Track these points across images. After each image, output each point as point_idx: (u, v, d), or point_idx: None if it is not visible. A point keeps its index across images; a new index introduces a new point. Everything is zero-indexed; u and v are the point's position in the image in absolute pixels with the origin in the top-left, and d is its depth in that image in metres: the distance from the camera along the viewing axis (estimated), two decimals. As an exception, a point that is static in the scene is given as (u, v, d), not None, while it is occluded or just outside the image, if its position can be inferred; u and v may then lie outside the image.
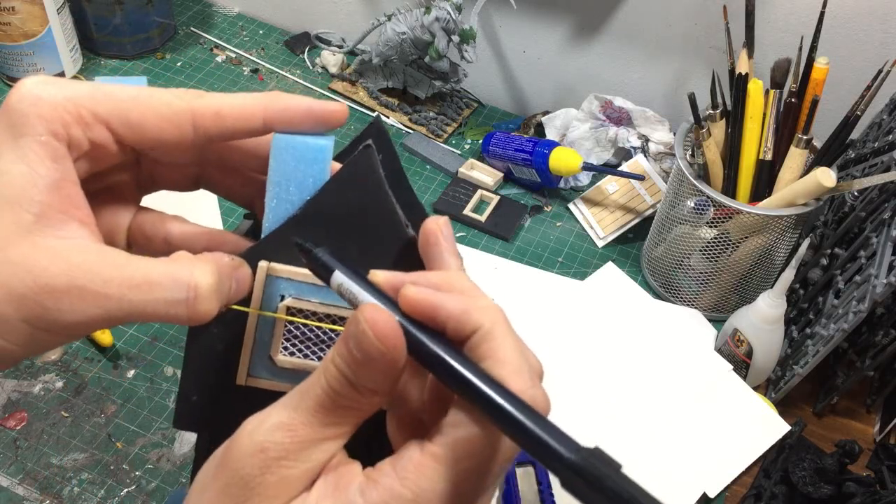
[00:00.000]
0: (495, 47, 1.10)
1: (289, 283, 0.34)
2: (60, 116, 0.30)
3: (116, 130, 0.31)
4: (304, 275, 0.33)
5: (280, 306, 0.34)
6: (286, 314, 0.34)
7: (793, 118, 0.77)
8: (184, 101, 0.32)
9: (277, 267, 0.33)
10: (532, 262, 0.90)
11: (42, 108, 0.30)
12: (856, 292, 0.72)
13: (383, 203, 0.33)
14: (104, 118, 0.31)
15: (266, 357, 0.34)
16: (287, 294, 0.34)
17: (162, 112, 0.31)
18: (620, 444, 0.73)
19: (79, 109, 0.30)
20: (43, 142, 0.30)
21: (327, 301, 0.34)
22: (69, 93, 0.31)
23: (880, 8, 0.86)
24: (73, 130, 0.30)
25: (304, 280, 0.33)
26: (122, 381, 0.75)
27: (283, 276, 0.33)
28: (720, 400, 0.77)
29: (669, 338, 0.82)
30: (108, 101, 0.31)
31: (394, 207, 0.33)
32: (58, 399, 0.73)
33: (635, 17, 0.99)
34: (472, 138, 1.05)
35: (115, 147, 0.32)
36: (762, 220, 0.76)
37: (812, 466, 0.70)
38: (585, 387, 0.77)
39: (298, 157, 0.33)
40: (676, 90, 1.02)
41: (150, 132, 0.32)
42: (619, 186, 0.94)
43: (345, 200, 0.33)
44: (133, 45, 1.09)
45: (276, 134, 0.33)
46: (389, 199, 0.33)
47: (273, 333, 0.34)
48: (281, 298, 0.34)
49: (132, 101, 0.31)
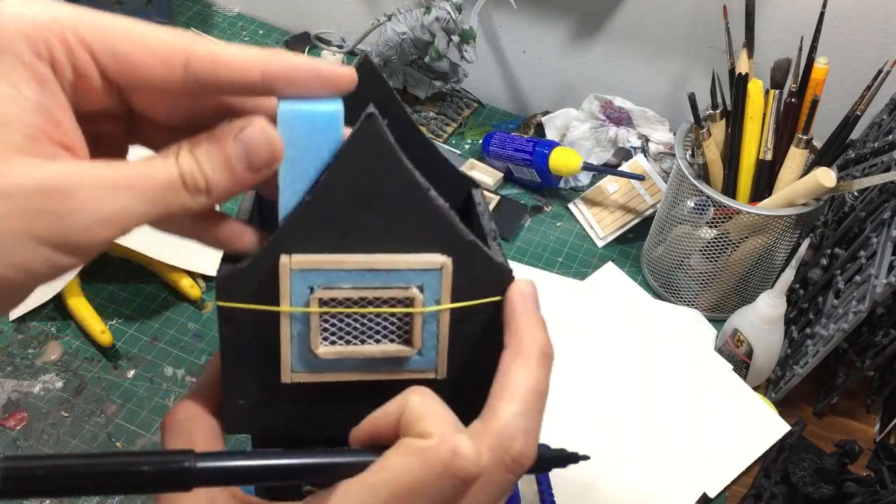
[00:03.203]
0: (495, 47, 1.10)
1: (316, 274, 0.31)
2: (44, 36, 0.27)
3: (101, 60, 0.28)
4: (330, 262, 0.31)
5: (311, 299, 0.31)
6: (318, 306, 0.32)
7: (793, 118, 0.77)
8: (178, 39, 0.29)
9: (300, 259, 0.31)
10: (532, 262, 0.90)
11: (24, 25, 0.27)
12: (856, 292, 0.72)
13: (400, 171, 0.31)
14: (89, 45, 0.28)
15: (307, 351, 0.32)
16: (316, 285, 0.31)
17: (152, 46, 0.28)
18: (620, 444, 0.73)
19: (63, 31, 0.27)
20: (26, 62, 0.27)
21: (358, 284, 0.32)
22: (54, 13, 0.27)
23: (880, 8, 0.86)
24: (57, 53, 0.27)
25: (330, 268, 0.31)
26: (122, 381, 0.75)
27: (308, 268, 0.31)
28: (720, 400, 0.77)
29: (669, 338, 0.82)
30: (94, 26, 0.28)
31: (412, 174, 0.31)
32: (58, 399, 0.73)
33: (635, 17, 0.99)
34: (472, 138, 1.05)
35: (100, 82, 0.29)
36: (762, 220, 0.76)
37: (812, 466, 0.70)
38: (585, 387, 0.77)
39: (309, 126, 0.30)
40: (676, 90, 1.02)
41: (137, 67, 0.28)
42: (619, 186, 0.94)
43: (358, 176, 0.31)
44: (133, 46, 1.09)
45: (280, 102, 0.30)
46: (406, 166, 0.31)
47: (310, 327, 0.32)
48: (311, 290, 0.31)
49: (122, 30, 0.28)
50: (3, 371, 0.75)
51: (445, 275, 0.32)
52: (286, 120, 0.30)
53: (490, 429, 0.29)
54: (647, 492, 0.70)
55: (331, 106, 0.30)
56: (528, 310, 0.33)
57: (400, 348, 0.33)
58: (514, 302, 0.33)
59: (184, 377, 0.76)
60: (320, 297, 0.31)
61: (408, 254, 0.32)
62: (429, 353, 0.33)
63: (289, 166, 0.30)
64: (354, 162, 0.30)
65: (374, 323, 0.33)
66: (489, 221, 0.38)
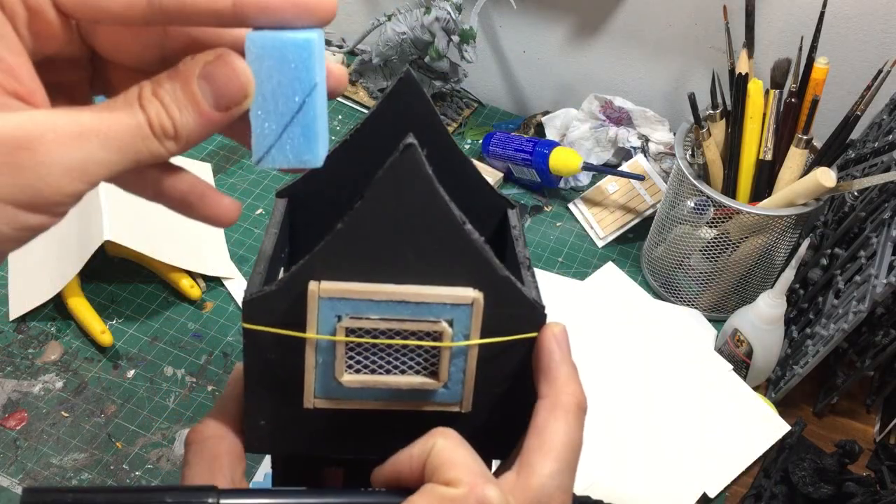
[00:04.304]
0: (495, 47, 1.10)
1: (344, 303, 0.31)
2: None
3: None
4: (359, 291, 0.30)
5: (338, 327, 0.31)
6: (345, 335, 0.31)
7: (793, 118, 0.77)
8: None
9: (329, 287, 0.30)
10: (532, 262, 0.90)
11: None
12: (856, 292, 0.72)
13: (436, 203, 0.30)
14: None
15: (331, 379, 0.32)
16: (343, 314, 0.31)
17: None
18: (621, 444, 0.73)
19: None
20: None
21: (387, 315, 0.31)
22: None
23: (880, 8, 0.86)
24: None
25: (360, 297, 0.31)
26: (122, 381, 0.75)
27: (336, 297, 0.30)
28: (720, 400, 0.77)
29: (669, 338, 0.82)
30: None
31: (448, 207, 0.30)
32: (58, 399, 0.73)
33: (635, 17, 0.99)
34: (473, 138, 1.05)
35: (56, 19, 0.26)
36: (762, 220, 0.76)
37: (812, 466, 0.70)
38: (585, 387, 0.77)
39: (281, 57, 0.27)
40: (676, 90, 1.02)
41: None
42: (619, 186, 0.94)
43: (393, 206, 0.30)
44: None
45: (248, 33, 0.27)
46: (442, 199, 0.30)
47: (335, 355, 0.31)
48: (338, 318, 0.31)
49: None
50: (3, 371, 0.75)
51: (476, 310, 0.31)
52: (255, 51, 0.27)
53: (529, 486, 0.29)
54: (647, 492, 0.70)
55: (304, 34, 0.27)
56: (564, 359, 0.32)
57: (425, 381, 0.32)
58: (549, 350, 0.32)
59: (183, 377, 0.76)
60: (347, 326, 0.31)
61: (439, 287, 0.31)
62: (455, 387, 0.33)
63: (260, 103, 0.28)
64: (390, 192, 0.29)
65: (400, 354, 0.32)
66: (524, 248, 0.37)
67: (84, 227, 0.77)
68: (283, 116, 0.28)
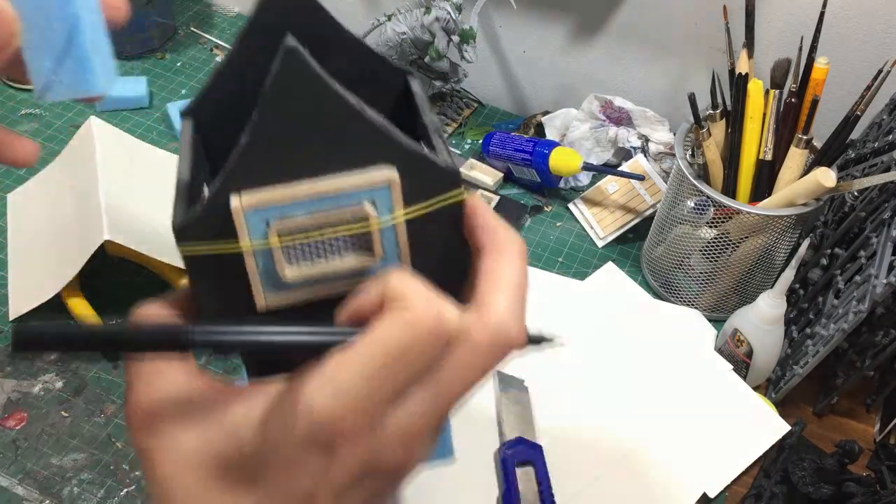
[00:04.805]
0: (495, 47, 1.10)
1: (268, 210, 0.32)
2: None
3: None
4: (279, 196, 0.32)
5: (269, 232, 0.32)
6: (278, 237, 0.32)
7: (793, 118, 0.77)
8: None
9: (250, 197, 0.32)
10: (532, 262, 0.90)
11: None
12: (856, 292, 0.72)
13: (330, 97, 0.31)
14: None
15: (276, 278, 0.33)
16: (271, 219, 0.32)
17: None
18: (620, 444, 0.73)
19: None
20: None
21: (313, 210, 0.32)
22: None
23: (880, 8, 0.86)
24: None
25: (282, 202, 0.32)
26: (122, 381, 0.75)
27: (259, 206, 0.32)
28: (720, 400, 0.77)
29: (669, 338, 0.82)
30: None
31: (343, 98, 0.31)
32: (58, 399, 0.73)
33: (635, 17, 0.99)
34: (472, 138, 1.05)
35: None
36: (762, 220, 0.76)
37: (812, 466, 0.70)
38: (585, 387, 0.77)
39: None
40: (676, 90, 1.02)
41: None
42: (619, 186, 0.94)
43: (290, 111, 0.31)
44: (133, 45, 1.09)
45: None
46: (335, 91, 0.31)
47: (273, 258, 0.33)
48: (267, 224, 0.32)
49: None
50: (2, 371, 0.75)
51: (393, 186, 0.33)
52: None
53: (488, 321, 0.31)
54: (647, 492, 0.70)
55: None
56: (494, 215, 0.34)
57: (363, 259, 0.34)
58: (480, 208, 0.34)
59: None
60: (278, 229, 0.32)
61: (354, 173, 0.32)
62: (392, 260, 0.34)
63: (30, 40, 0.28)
64: (283, 98, 0.30)
65: (334, 241, 0.34)
66: (430, 114, 0.38)
67: (84, 227, 0.77)
68: (54, 50, 0.29)
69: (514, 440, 0.69)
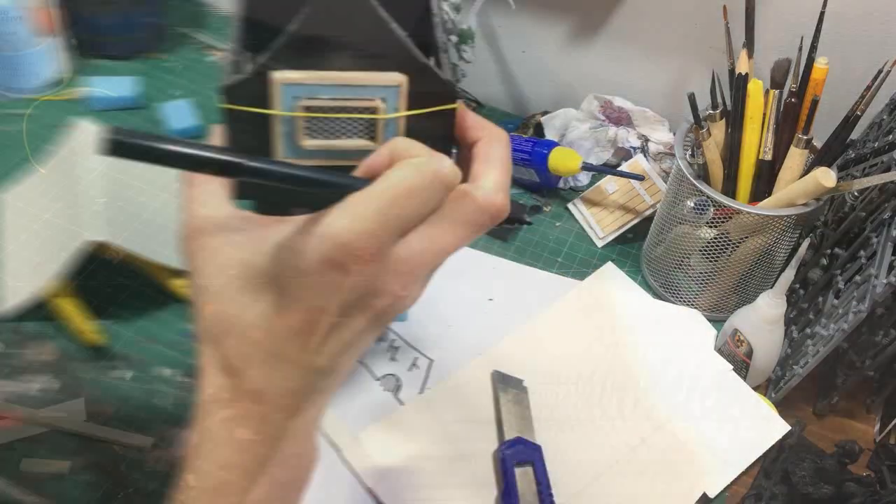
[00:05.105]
0: (494, 47, 1.09)
1: (299, 87, 0.39)
2: None
3: None
4: (311, 77, 0.39)
5: (296, 106, 0.39)
6: (302, 111, 0.40)
7: (793, 118, 0.77)
8: None
9: (287, 75, 0.39)
10: (532, 262, 0.90)
11: None
12: (856, 292, 0.72)
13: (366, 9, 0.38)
14: None
15: (295, 144, 0.41)
16: (300, 95, 0.39)
17: None
18: (620, 444, 0.72)
19: None
20: None
21: (335, 95, 0.40)
22: None
23: (880, 8, 0.86)
24: None
25: (312, 82, 0.39)
26: (119, 383, 0.75)
27: (293, 83, 0.39)
28: (720, 400, 0.76)
29: (669, 338, 0.81)
30: None
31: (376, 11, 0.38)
32: (53, 400, 0.73)
33: (635, 17, 0.99)
34: (471, 138, 1.05)
35: None
36: (762, 220, 0.76)
37: (812, 467, 0.70)
38: (585, 387, 0.77)
39: None
40: (676, 90, 1.02)
41: None
42: (619, 186, 0.94)
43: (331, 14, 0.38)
44: (124, 46, 1.08)
45: None
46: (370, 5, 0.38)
47: (295, 127, 0.40)
48: (295, 99, 0.39)
49: None
50: (0, 371, 0.75)
51: (402, 89, 0.40)
52: None
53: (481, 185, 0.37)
54: (647, 492, 0.70)
55: None
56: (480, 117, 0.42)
57: (367, 143, 0.42)
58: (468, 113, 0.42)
59: (182, 377, 0.76)
60: (303, 105, 0.40)
61: (373, 73, 0.40)
62: None
63: None
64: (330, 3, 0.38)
65: (346, 124, 0.41)
66: (442, 34, 0.46)
67: (74, 227, 0.77)
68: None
69: (514, 440, 0.69)
